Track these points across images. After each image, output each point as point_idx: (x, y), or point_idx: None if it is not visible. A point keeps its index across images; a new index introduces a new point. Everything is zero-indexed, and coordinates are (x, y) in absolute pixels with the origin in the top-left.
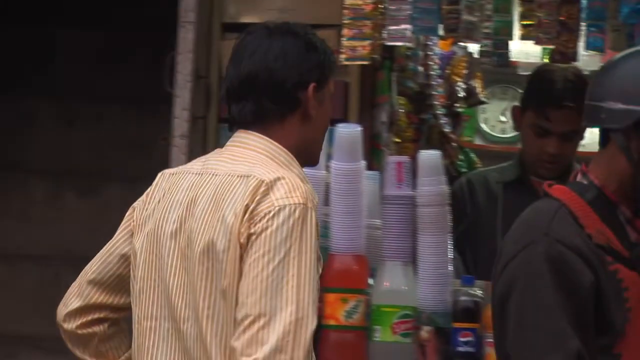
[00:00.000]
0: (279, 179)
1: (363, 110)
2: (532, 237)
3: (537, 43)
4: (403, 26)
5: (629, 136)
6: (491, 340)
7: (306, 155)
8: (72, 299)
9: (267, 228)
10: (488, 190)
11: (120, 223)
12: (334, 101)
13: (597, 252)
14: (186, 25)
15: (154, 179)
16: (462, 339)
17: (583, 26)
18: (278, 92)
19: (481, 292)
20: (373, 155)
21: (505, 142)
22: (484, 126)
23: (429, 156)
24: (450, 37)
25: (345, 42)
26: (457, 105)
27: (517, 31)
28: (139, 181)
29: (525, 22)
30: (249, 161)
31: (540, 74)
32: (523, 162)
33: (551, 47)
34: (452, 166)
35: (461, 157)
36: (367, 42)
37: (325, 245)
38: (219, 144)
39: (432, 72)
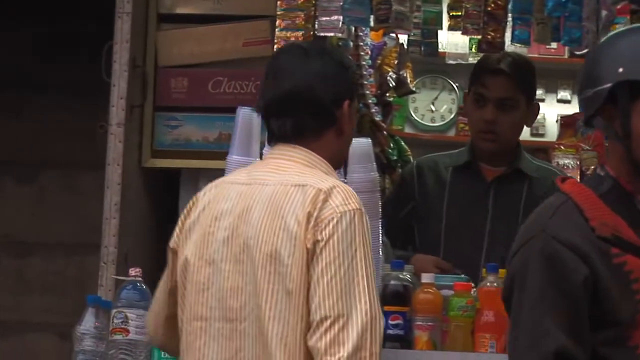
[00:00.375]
0: (334, 187)
1: None
2: (531, 233)
3: (464, 33)
4: (334, 17)
5: (610, 116)
6: (420, 323)
7: (336, 163)
8: (158, 322)
9: (333, 234)
10: (437, 175)
11: (58, 209)
12: None
13: (599, 246)
14: (123, 15)
15: (92, 166)
16: (391, 322)
17: (509, 18)
18: (318, 109)
19: (410, 276)
20: None
21: (435, 131)
22: (414, 115)
23: (360, 144)
24: (381, 27)
25: (278, 33)
26: (388, 94)
27: (445, 22)
28: (77, 168)
29: (453, 13)
30: (298, 171)
31: (483, 55)
32: (473, 148)
33: (478, 37)
34: (382, 154)
35: (392, 145)
36: (299, 33)
37: None
38: (155, 131)
39: (363, 62)
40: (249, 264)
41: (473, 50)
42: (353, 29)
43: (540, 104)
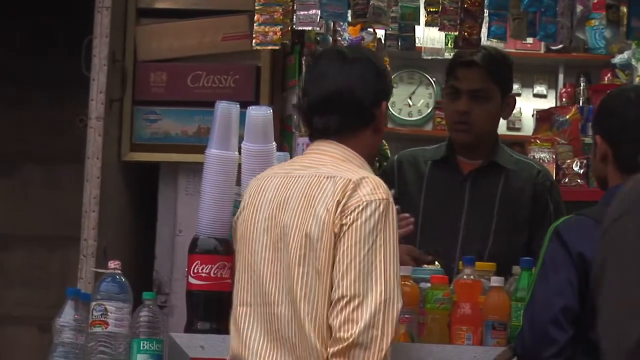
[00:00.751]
0: (363, 178)
1: (274, 94)
2: (621, 210)
3: (441, 29)
4: (312, 11)
5: None
6: None
7: (369, 158)
8: None
9: (357, 220)
10: (417, 169)
11: (38, 202)
12: (246, 85)
13: None
14: (102, 10)
15: (71, 159)
16: None
17: (486, 13)
18: (358, 109)
19: None
20: (283, 137)
21: (412, 125)
22: (391, 109)
23: None
24: (358, 22)
25: (256, 28)
26: None
27: (422, 18)
28: (57, 161)
29: (430, 9)
30: (332, 164)
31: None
32: (451, 142)
33: (455, 33)
34: None
35: None
36: (278, 28)
37: None
38: (134, 125)
39: None
40: (284, 250)
41: (449, 45)
42: (331, 23)
43: (517, 98)
